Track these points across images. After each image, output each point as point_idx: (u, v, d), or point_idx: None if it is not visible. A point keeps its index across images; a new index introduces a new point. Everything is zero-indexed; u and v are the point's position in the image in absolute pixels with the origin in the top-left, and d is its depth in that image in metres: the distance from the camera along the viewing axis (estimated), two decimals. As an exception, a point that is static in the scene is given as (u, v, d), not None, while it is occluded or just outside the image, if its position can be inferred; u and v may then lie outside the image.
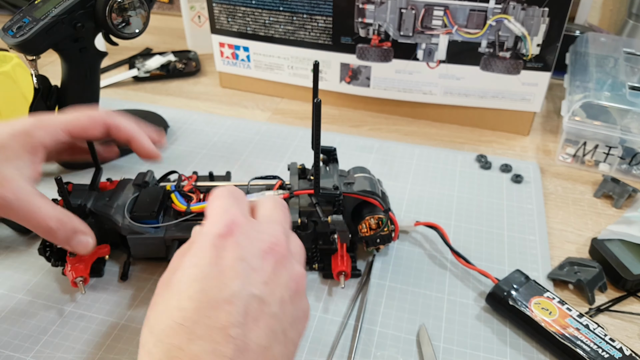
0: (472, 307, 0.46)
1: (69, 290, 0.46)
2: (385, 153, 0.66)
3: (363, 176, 0.48)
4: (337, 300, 0.46)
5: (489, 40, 0.64)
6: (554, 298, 0.44)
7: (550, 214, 0.57)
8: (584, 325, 0.41)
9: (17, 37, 0.49)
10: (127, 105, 0.75)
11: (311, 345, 0.42)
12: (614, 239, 0.50)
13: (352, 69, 0.71)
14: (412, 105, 0.73)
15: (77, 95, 0.57)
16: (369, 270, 0.49)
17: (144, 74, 0.84)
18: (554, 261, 0.51)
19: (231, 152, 0.66)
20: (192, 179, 0.49)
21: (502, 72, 0.66)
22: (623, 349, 0.40)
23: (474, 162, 0.65)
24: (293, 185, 0.47)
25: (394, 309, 0.46)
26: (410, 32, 0.66)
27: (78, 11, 0.51)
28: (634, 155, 0.61)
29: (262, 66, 0.76)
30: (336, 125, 0.73)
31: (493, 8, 0.62)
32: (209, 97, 0.80)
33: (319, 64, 0.41)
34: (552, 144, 0.70)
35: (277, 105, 0.78)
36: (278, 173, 0.61)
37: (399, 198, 0.59)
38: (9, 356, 0.41)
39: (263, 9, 0.70)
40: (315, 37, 0.70)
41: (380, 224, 0.46)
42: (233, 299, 0.28)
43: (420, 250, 0.52)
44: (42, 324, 0.43)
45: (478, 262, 0.49)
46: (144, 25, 0.56)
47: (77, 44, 0.54)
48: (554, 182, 0.62)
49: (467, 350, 0.42)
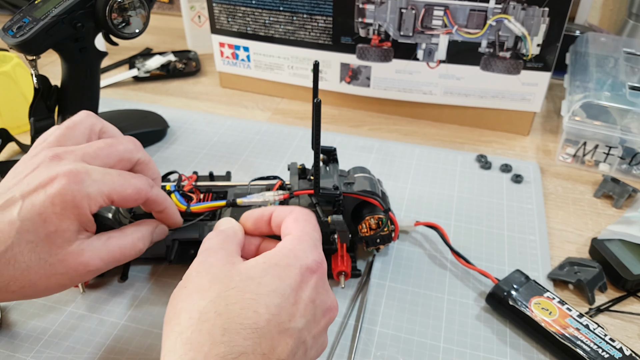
0: (472, 307, 0.46)
1: (69, 290, 0.46)
2: (385, 153, 0.66)
3: (363, 176, 0.48)
4: (337, 300, 0.46)
5: (489, 40, 0.64)
6: (554, 298, 0.44)
7: (550, 214, 0.57)
8: (584, 325, 0.41)
9: (17, 37, 0.49)
10: (127, 105, 0.75)
11: (311, 345, 0.42)
12: (614, 239, 0.50)
13: (352, 69, 0.71)
14: (412, 105, 0.73)
15: (77, 95, 0.57)
16: (369, 270, 0.49)
17: (144, 74, 0.84)
18: (554, 261, 0.51)
19: (231, 152, 0.66)
20: (192, 179, 0.49)
21: (502, 72, 0.66)
22: (623, 349, 0.40)
23: (474, 162, 0.65)
24: (293, 185, 0.47)
25: (394, 309, 0.46)
26: (410, 32, 0.66)
27: (78, 11, 0.51)
28: (634, 155, 0.61)
29: (262, 66, 0.76)
30: (336, 125, 0.73)
31: (493, 8, 0.62)
32: (209, 97, 0.80)
33: (319, 64, 0.41)
34: (552, 144, 0.70)
35: (277, 105, 0.78)
36: (278, 173, 0.62)
37: (399, 198, 0.59)
38: (9, 356, 0.41)
39: (263, 9, 0.70)
40: (316, 37, 0.70)
41: (380, 224, 0.46)
42: (294, 334, 0.30)
43: (420, 250, 0.52)
44: (42, 324, 0.43)
45: (478, 262, 0.49)
46: (144, 25, 0.56)
47: (77, 44, 0.54)
48: (554, 182, 0.62)
49: (467, 350, 0.42)
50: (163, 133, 0.69)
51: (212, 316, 0.28)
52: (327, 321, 0.34)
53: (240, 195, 0.47)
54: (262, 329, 0.28)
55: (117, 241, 0.37)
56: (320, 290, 0.33)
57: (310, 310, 0.31)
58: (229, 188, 0.49)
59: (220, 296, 0.30)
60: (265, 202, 0.46)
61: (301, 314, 0.31)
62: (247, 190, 0.48)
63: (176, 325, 0.29)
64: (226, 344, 0.27)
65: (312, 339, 0.32)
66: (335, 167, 0.50)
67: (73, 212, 0.34)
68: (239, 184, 0.50)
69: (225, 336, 0.28)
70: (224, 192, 0.49)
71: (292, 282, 0.31)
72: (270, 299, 0.30)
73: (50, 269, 0.33)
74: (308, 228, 0.36)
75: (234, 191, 0.48)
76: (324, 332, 0.34)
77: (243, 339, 0.28)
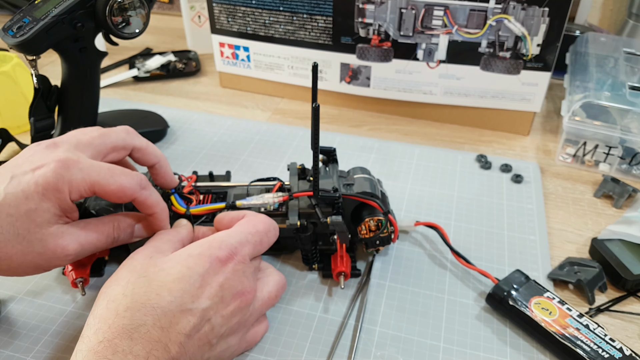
0: (472, 307, 0.46)
1: (69, 291, 0.46)
2: (385, 153, 0.66)
3: (363, 177, 0.48)
4: (337, 300, 0.46)
5: (489, 40, 0.64)
6: (554, 298, 0.44)
7: (550, 214, 0.57)
8: (584, 325, 0.41)
9: (17, 37, 0.49)
10: (127, 105, 0.75)
11: (311, 345, 0.42)
12: (614, 239, 0.50)
13: (352, 69, 0.71)
14: (412, 105, 0.73)
15: (77, 95, 0.57)
16: (368, 271, 0.49)
17: (144, 74, 0.84)
18: (554, 261, 0.51)
19: (231, 152, 0.66)
20: (192, 179, 0.49)
21: (502, 72, 0.66)
22: (623, 349, 0.40)
23: (474, 162, 0.65)
24: (293, 185, 0.47)
25: (394, 309, 0.46)
26: (410, 32, 0.66)
27: (78, 11, 0.51)
28: (634, 155, 0.61)
29: (262, 66, 0.76)
30: (336, 125, 0.73)
31: (493, 8, 0.62)
32: (209, 97, 0.80)
33: (317, 65, 0.41)
34: (552, 144, 0.70)
35: (277, 105, 0.78)
36: (278, 173, 0.62)
37: (399, 198, 0.59)
38: (9, 356, 0.41)
39: (263, 9, 0.70)
40: (315, 37, 0.70)
41: (380, 226, 0.46)
42: (197, 313, 0.34)
43: (420, 250, 0.52)
44: (42, 324, 0.43)
45: (478, 262, 0.49)
46: (144, 25, 0.56)
47: (77, 44, 0.54)
48: (554, 182, 0.62)
49: (467, 350, 0.42)
50: (163, 133, 0.69)
51: (119, 297, 0.34)
52: (239, 304, 0.37)
53: (239, 196, 0.47)
54: (163, 308, 0.33)
55: (94, 227, 0.39)
56: (231, 277, 0.37)
57: (218, 293, 0.36)
58: (228, 188, 0.49)
59: (130, 282, 0.35)
60: (265, 204, 0.46)
61: (207, 296, 0.35)
62: (246, 191, 0.48)
63: (94, 308, 0.35)
64: (128, 317, 0.32)
65: (220, 318, 0.36)
66: (334, 167, 0.50)
67: (54, 194, 0.36)
68: (238, 184, 0.50)
69: (128, 312, 0.33)
70: (224, 192, 0.49)
71: (200, 269, 0.36)
72: (175, 285, 0.34)
73: (27, 245, 0.36)
74: (246, 227, 0.40)
75: (234, 192, 0.48)
76: (237, 312, 0.37)
77: (143, 315, 0.33)
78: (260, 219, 0.42)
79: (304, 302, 0.46)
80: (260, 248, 0.41)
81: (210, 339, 0.36)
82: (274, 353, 0.42)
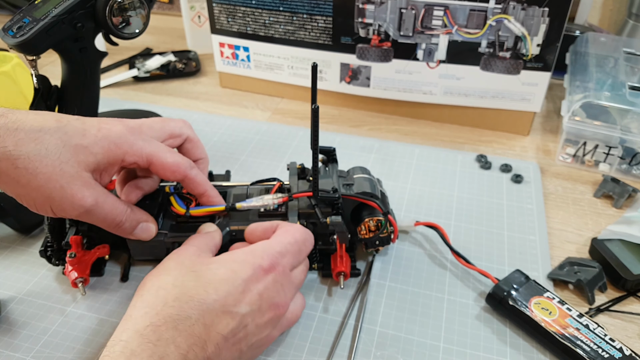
0: (472, 307, 0.46)
1: (69, 290, 0.46)
2: (385, 153, 0.66)
3: (363, 177, 0.47)
4: (336, 300, 0.46)
5: (489, 40, 0.64)
6: (554, 298, 0.44)
7: (550, 214, 0.57)
8: (584, 325, 0.41)
9: (17, 37, 0.49)
10: (127, 105, 0.75)
11: (311, 345, 0.42)
12: (614, 239, 0.50)
13: (352, 69, 0.71)
14: (412, 105, 0.73)
15: (77, 95, 0.57)
16: (368, 270, 0.49)
17: (144, 74, 0.84)
18: (554, 261, 0.51)
19: (231, 152, 0.66)
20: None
21: (502, 72, 0.66)
22: (623, 349, 0.40)
23: (474, 162, 0.65)
24: (292, 185, 0.47)
25: (394, 309, 0.46)
26: (410, 32, 0.66)
27: (78, 11, 0.51)
28: (634, 155, 0.61)
29: (262, 66, 0.76)
30: (336, 125, 0.73)
31: (493, 8, 0.62)
32: (209, 97, 0.80)
33: (317, 65, 0.41)
34: (552, 144, 0.70)
35: (277, 105, 0.78)
36: (278, 173, 0.62)
37: (399, 198, 0.59)
38: (9, 356, 0.41)
39: (263, 9, 0.70)
40: (315, 37, 0.70)
41: (380, 227, 0.46)
42: (237, 317, 0.35)
43: (420, 250, 0.52)
44: (42, 324, 0.43)
45: (478, 262, 0.49)
46: (144, 25, 0.56)
47: (77, 44, 0.54)
48: (554, 182, 0.62)
49: (467, 350, 0.42)
50: (163, 133, 0.69)
51: (170, 287, 0.35)
52: (273, 316, 0.38)
53: (239, 196, 0.47)
54: (208, 305, 0.34)
55: (113, 200, 0.40)
56: (272, 288, 0.38)
57: (257, 301, 0.37)
58: (228, 188, 0.49)
59: (181, 274, 0.36)
60: (264, 205, 0.46)
61: (247, 302, 0.36)
62: (246, 191, 0.48)
63: (142, 292, 0.36)
64: (176, 308, 0.34)
65: (255, 327, 0.37)
66: (334, 167, 0.50)
67: (111, 148, 0.38)
68: (238, 184, 0.50)
69: (176, 302, 0.34)
70: (224, 192, 0.49)
71: (244, 275, 0.37)
72: (221, 285, 0.35)
73: (57, 173, 0.36)
74: (285, 237, 0.41)
75: (234, 191, 0.48)
76: (269, 324, 0.38)
77: (190, 308, 0.34)
78: (296, 229, 0.42)
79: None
80: (300, 257, 0.41)
81: (242, 346, 0.36)
82: (274, 353, 0.42)
